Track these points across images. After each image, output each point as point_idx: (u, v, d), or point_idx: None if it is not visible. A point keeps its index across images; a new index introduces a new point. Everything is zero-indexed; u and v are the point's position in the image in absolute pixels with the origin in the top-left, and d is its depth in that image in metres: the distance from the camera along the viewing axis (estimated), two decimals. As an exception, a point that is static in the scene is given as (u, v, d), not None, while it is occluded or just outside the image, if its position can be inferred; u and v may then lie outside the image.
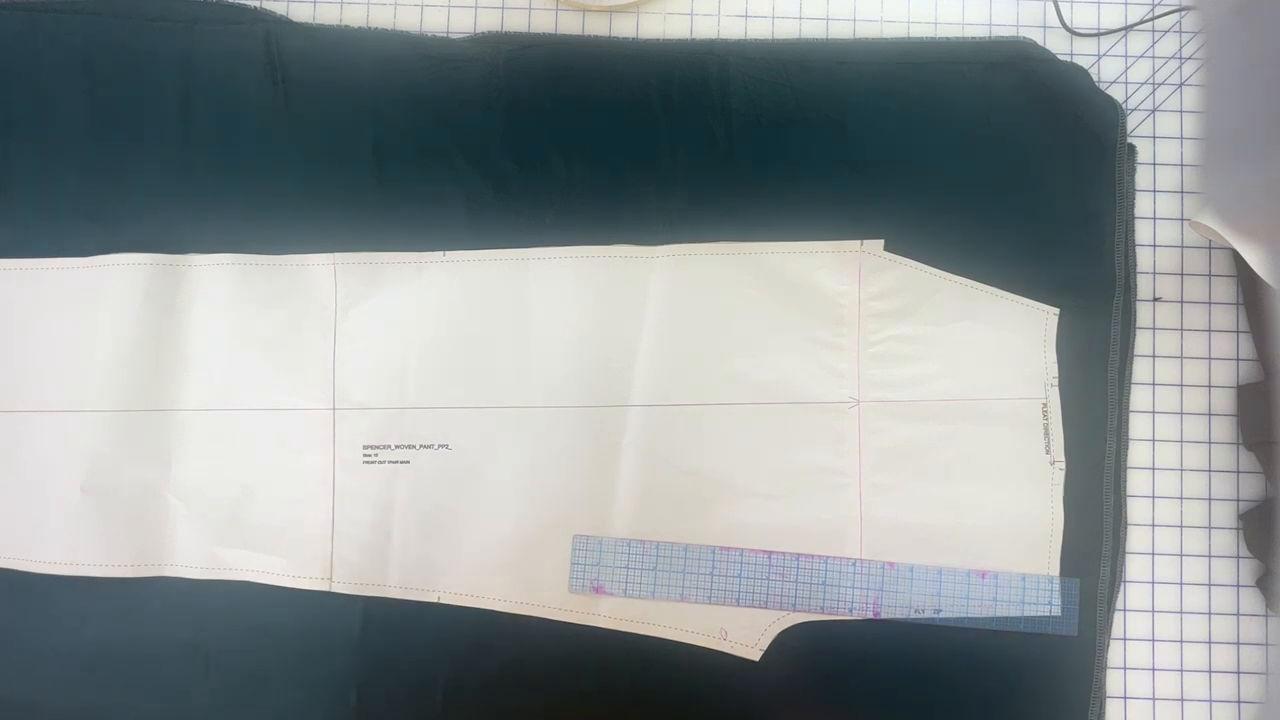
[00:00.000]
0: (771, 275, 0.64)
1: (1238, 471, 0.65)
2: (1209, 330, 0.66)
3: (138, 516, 0.63)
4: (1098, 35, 0.67)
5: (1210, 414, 0.65)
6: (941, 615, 0.63)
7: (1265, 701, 0.61)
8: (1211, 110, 0.39)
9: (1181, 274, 0.66)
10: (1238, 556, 0.65)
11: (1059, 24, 0.67)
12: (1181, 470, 0.65)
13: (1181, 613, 0.64)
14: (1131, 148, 0.66)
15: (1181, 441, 0.65)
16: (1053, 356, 0.64)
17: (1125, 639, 0.64)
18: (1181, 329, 0.66)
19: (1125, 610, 0.64)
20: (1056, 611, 0.63)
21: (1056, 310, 0.64)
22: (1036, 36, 0.67)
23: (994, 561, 0.63)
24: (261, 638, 0.63)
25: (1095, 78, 0.66)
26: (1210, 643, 0.64)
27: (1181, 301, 0.66)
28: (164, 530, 0.63)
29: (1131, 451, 0.65)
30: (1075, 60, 0.66)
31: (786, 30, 0.67)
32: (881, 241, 0.64)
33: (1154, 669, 0.64)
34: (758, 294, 0.65)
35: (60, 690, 0.63)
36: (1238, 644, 0.64)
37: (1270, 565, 0.63)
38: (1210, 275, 0.66)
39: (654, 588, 0.63)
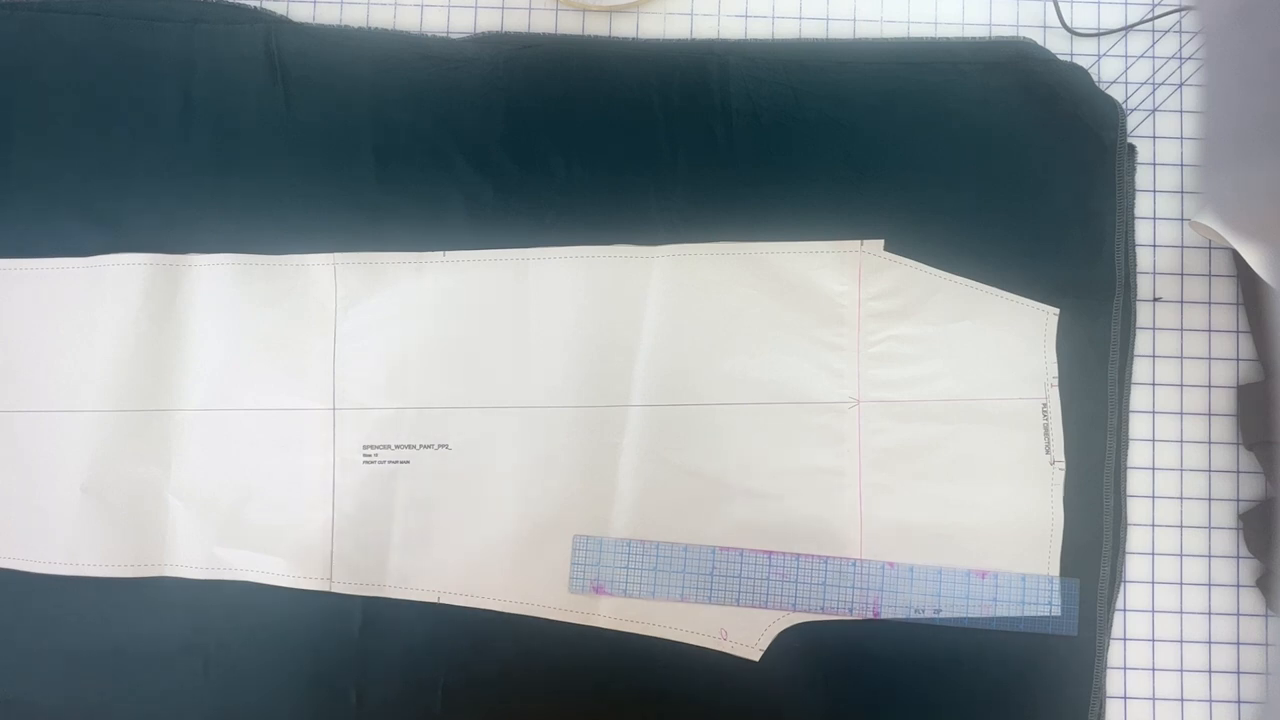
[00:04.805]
0: (771, 275, 0.64)
1: (1238, 471, 0.65)
2: (1209, 330, 0.66)
3: (138, 516, 0.63)
4: (1098, 35, 0.67)
5: (1210, 414, 0.65)
6: (941, 615, 0.63)
7: (1265, 701, 0.61)
8: (1211, 110, 0.39)
9: (1181, 274, 0.66)
10: (1238, 556, 0.65)
11: (1059, 24, 0.67)
12: (1181, 470, 0.65)
13: (1181, 613, 0.64)
14: (1131, 148, 0.66)
15: (1181, 441, 0.65)
16: (1053, 356, 0.64)
17: (1125, 639, 0.64)
18: (1181, 329, 0.66)
19: (1125, 610, 0.64)
20: (1056, 611, 0.63)
21: (1056, 310, 0.64)
22: (1036, 36, 0.67)
23: (994, 561, 0.63)
24: (261, 638, 0.63)
25: (1095, 78, 0.66)
26: (1210, 643, 0.64)
27: (1181, 301, 0.66)
28: (164, 530, 0.63)
29: (1131, 451, 0.65)
30: (1075, 60, 0.66)
31: (786, 30, 0.67)
32: (881, 241, 0.64)
33: (1154, 669, 0.64)
34: (758, 294, 0.65)
35: (60, 690, 0.63)
36: (1238, 644, 0.64)
37: (1270, 565, 0.63)
38: (1210, 275, 0.66)
39: (654, 588, 0.63)
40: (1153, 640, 0.64)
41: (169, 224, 0.65)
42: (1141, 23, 0.67)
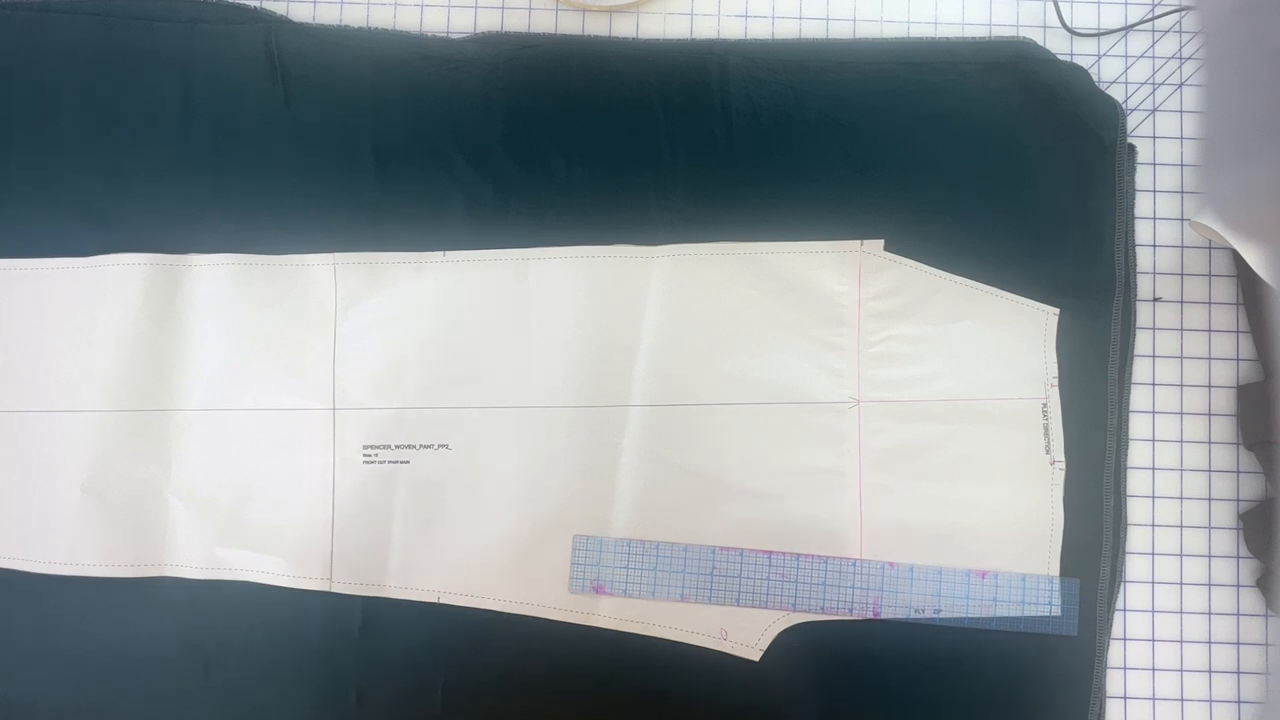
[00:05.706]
0: (771, 275, 0.64)
1: (1238, 471, 0.65)
2: (1209, 330, 0.66)
3: (138, 516, 0.63)
4: (1098, 35, 0.67)
5: (1210, 414, 0.65)
6: (941, 615, 0.63)
7: (1265, 701, 0.61)
8: (1211, 110, 0.39)
9: (1181, 274, 0.66)
10: (1238, 556, 0.65)
11: (1059, 24, 0.67)
12: (1181, 470, 0.65)
13: (1181, 613, 0.64)
14: (1131, 148, 0.66)
15: (1181, 441, 0.65)
16: (1053, 356, 0.64)
17: (1125, 639, 0.64)
18: (1181, 329, 0.66)
19: (1125, 610, 0.64)
20: (1056, 611, 0.63)
21: (1056, 310, 0.64)
22: (1036, 36, 0.67)
23: (994, 561, 0.63)
24: (261, 638, 0.63)
25: (1095, 78, 0.66)
26: (1210, 643, 0.64)
27: (1181, 301, 0.66)
28: (164, 530, 0.63)
29: (1131, 451, 0.65)
30: (1075, 60, 0.66)
31: (786, 30, 0.67)
32: (881, 241, 0.64)
33: (1154, 669, 0.64)
34: (758, 294, 0.65)
35: (60, 690, 0.63)
36: (1238, 644, 0.64)
37: (1270, 565, 0.63)
38: (1210, 275, 0.66)
39: (654, 588, 0.63)
40: (1153, 640, 0.64)
41: (169, 224, 0.65)
42: (1141, 23, 0.67)
